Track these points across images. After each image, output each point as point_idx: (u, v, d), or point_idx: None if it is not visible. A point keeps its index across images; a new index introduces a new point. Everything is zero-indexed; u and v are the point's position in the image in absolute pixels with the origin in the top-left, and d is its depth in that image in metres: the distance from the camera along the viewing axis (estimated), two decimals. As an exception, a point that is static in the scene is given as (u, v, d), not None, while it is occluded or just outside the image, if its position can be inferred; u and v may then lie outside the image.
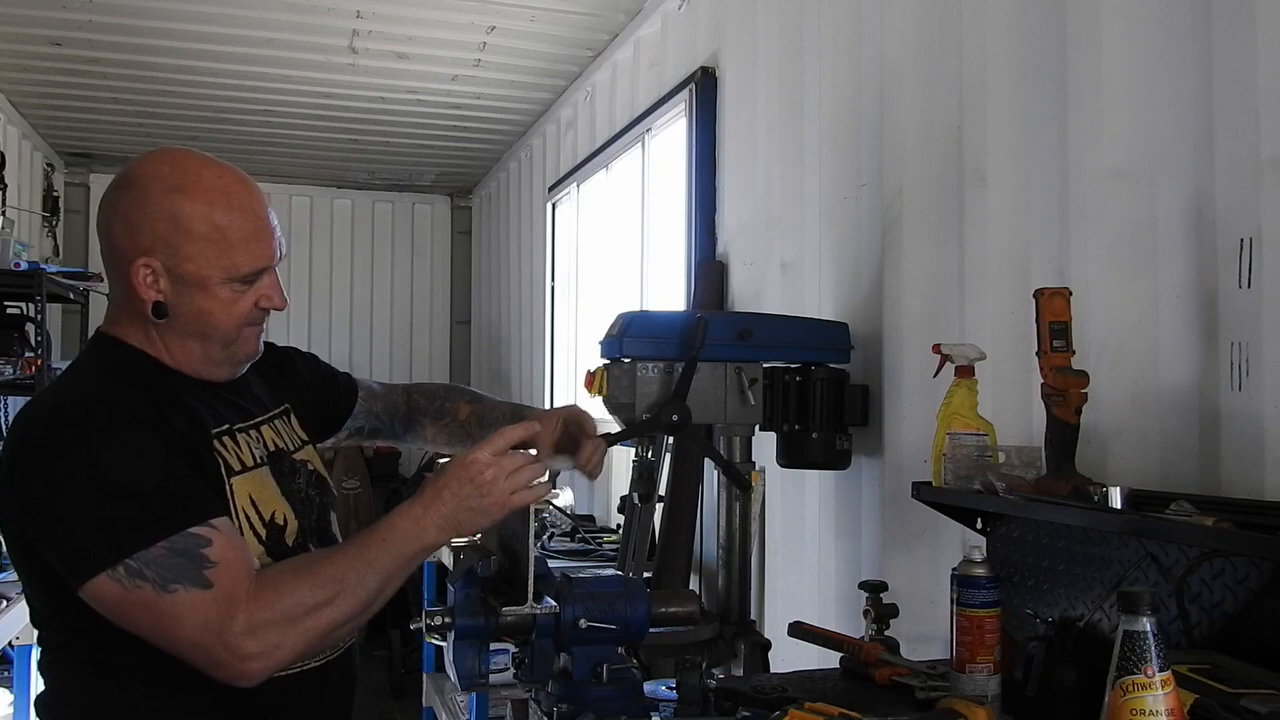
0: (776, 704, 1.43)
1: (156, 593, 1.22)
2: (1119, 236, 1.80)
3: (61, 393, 1.39)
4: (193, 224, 1.36)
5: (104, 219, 1.40)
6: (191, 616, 1.23)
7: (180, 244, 1.36)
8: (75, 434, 1.27)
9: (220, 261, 1.37)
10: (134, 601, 1.23)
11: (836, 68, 2.75)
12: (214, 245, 1.37)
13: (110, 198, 1.40)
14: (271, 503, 1.45)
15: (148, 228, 1.36)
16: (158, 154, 1.42)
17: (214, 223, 1.37)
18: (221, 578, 1.24)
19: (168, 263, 1.36)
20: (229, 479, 1.40)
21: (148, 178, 1.38)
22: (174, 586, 1.22)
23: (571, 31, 4.52)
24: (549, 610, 1.51)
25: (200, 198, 1.37)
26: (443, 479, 1.37)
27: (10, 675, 3.74)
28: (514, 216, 6.48)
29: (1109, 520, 1.48)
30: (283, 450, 1.55)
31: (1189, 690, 1.19)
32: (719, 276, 3.39)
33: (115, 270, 1.40)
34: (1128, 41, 1.80)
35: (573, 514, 4.22)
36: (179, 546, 1.23)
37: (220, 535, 1.27)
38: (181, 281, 1.37)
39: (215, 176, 1.39)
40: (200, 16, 4.33)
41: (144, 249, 1.36)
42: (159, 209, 1.36)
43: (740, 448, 2.41)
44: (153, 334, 1.42)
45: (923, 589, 2.20)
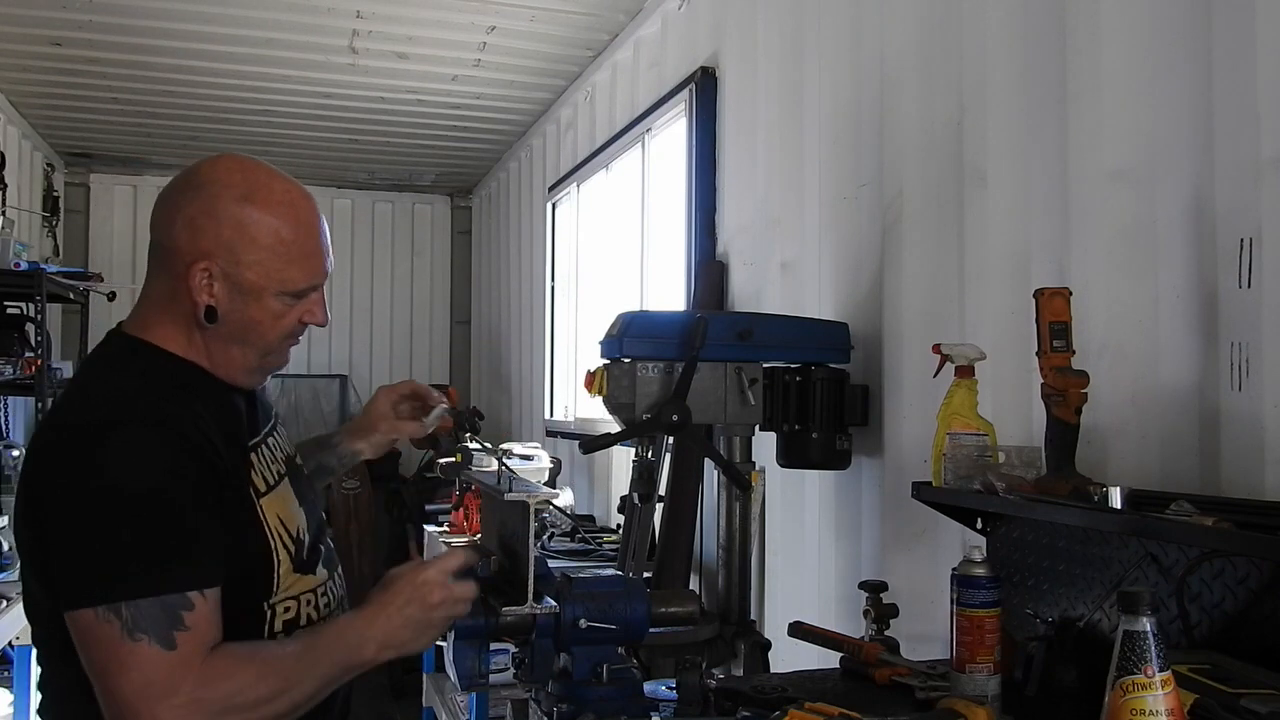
0: (776, 704, 1.43)
1: (121, 635, 1.19)
2: (1119, 236, 1.80)
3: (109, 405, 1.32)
4: (258, 233, 1.35)
5: (164, 218, 1.38)
6: (141, 673, 1.20)
7: (243, 252, 1.35)
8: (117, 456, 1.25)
9: (279, 274, 1.37)
10: (98, 635, 1.20)
11: (836, 68, 2.75)
12: (275, 257, 1.36)
13: (174, 198, 1.38)
14: (294, 517, 1.44)
15: (213, 232, 1.34)
16: (228, 160, 1.41)
17: (279, 235, 1.36)
18: (186, 644, 1.22)
19: (227, 268, 1.35)
20: (259, 501, 1.38)
21: (218, 183, 1.37)
22: (140, 636, 1.20)
23: (571, 31, 4.52)
24: (549, 610, 1.51)
25: (269, 209, 1.37)
26: (391, 593, 1.37)
27: (10, 675, 3.74)
28: (514, 216, 6.48)
29: (1109, 520, 1.48)
30: (292, 458, 1.55)
31: (1189, 690, 1.19)
32: (719, 276, 3.39)
33: (167, 270, 1.38)
34: (1128, 41, 1.80)
35: (573, 514, 4.22)
36: (167, 602, 1.22)
37: (204, 604, 1.25)
38: (238, 289, 1.36)
39: (284, 190, 1.39)
40: (200, 16, 4.33)
41: (205, 252, 1.34)
42: (227, 215, 1.35)
43: (740, 448, 2.41)
44: (195, 339, 1.40)
45: (923, 589, 2.20)
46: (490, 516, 1.87)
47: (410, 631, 1.36)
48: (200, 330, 1.38)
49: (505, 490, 1.59)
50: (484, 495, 1.91)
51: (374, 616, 1.35)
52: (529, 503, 1.52)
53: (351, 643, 1.33)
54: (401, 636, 1.35)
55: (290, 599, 1.40)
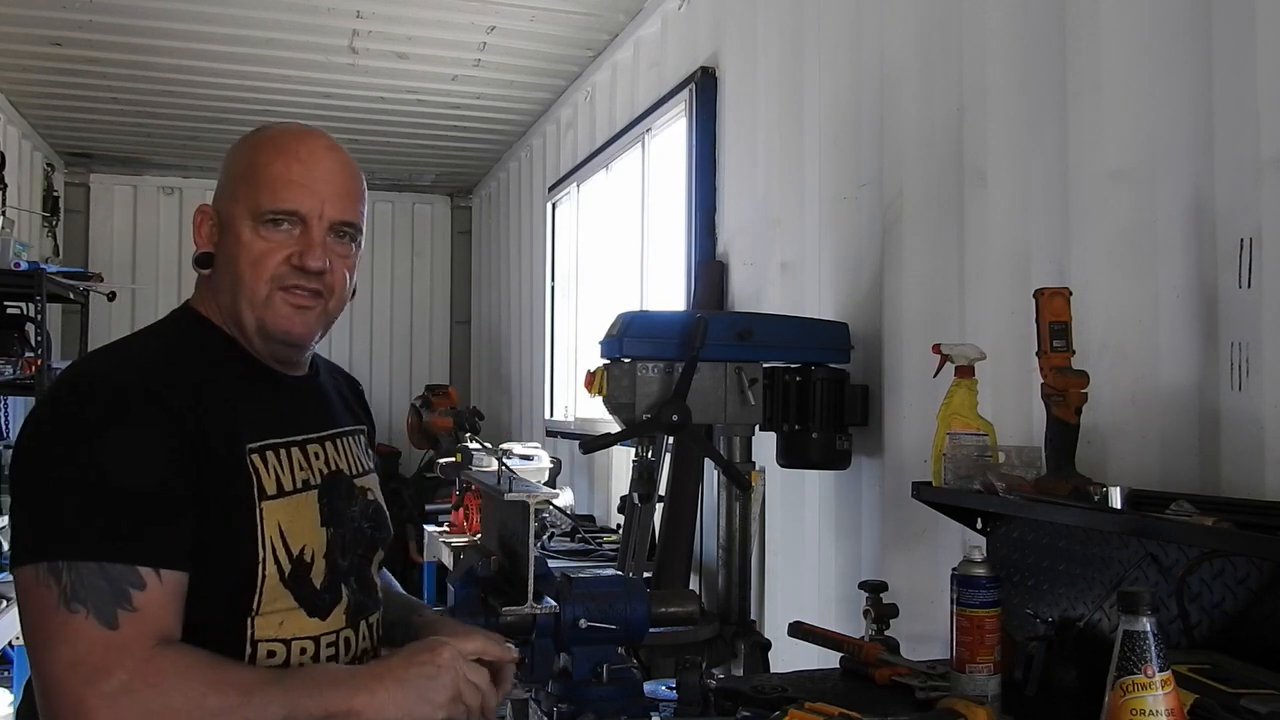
0: (776, 704, 1.43)
1: (58, 603, 1.07)
2: (1119, 236, 1.80)
3: (100, 362, 1.27)
4: (239, 165, 1.32)
5: None
6: (71, 648, 1.07)
7: (224, 185, 1.32)
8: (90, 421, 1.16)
9: (246, 198, 1.29)
10: (34, 599, 1.09)
11: (836, 68, 2.75)
12: (246, 183, 1.30)
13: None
14: (304, 536, 1.28)
15: (220, 180, 1.34)
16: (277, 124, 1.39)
17: (256, 162, 1.30)
18: (130, 626, 1.08)
19: (217, 207, 1.32)
20: (260, 502, 1.24)
21: (246, 137, 1.35)
22: (77, 607, 1.07)
23: (571, 31, 4.52)
24: (549, 610, 1.51)
25: (261, 146, 1.32)
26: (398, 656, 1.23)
27: (10, 675, 3.74)
28: (514, 216, 6.48)
29: (1109, 520, 1.48)
30: (342, 472, 1.38)
31: (1189, 690, 1.19)
32: (719, 276, 3.39)
33: None
34: (1128, 41, 1.80)
35: (573, 514, 4.22)
36: (112, 573, 1.09)
37: (160, 588, 1.12)
38: (221, 226, 1.31)
39: (295, 138, 1.33)
40: (200, 16, 4.33)
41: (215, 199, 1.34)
42: (229, 160, 1.33)
43: (740, 448, 2.41)
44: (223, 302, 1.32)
45: (923, 589, 2.20)
46: (490, 516, 1.87)
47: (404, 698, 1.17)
48: (209, 284, 1.33)
49: (505, 490, 1.60)
50: (484, 495, 1.91)
51: (372, 670, 1.21)
52: (529, 503, 1.52)
53: (333, 690, 1.15)
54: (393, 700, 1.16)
55: (278, 641, 1.24)
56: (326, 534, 1.31)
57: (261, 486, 1.25)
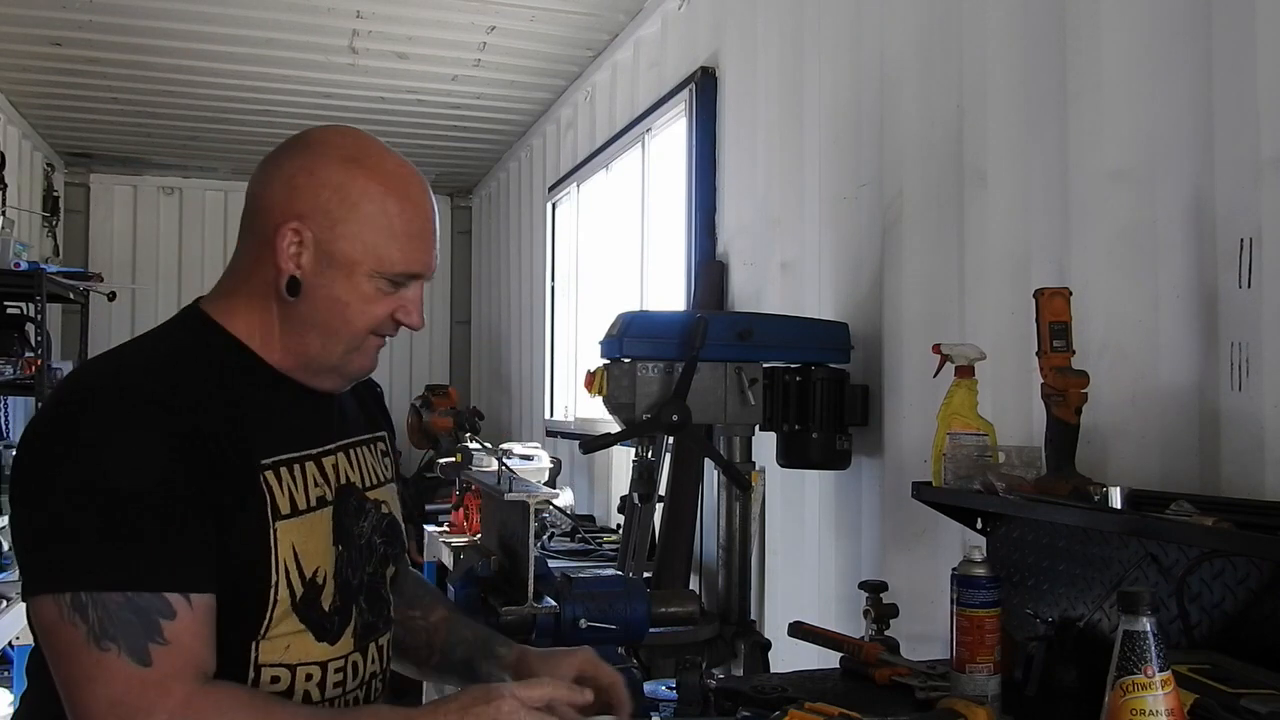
0: (776, 704, 1.43)
1: (87, 641, 1.03)
2: (1119, 236, 1.80)
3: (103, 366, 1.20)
4: (361, 200, 1.21)
5: (262, 178, 1.24)
6: (108, 688, 1.03)
7: (341, 218, 1.20)
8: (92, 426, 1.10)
9: (376, 250, 1.21)
10: (62, 637, 1.04)
11: (836, 68, 2.75)
12: (376, 230, 1.21)
13: (276, 157, 1.25)
14: (318, 557, 1.22)
15: (311, 193, 1.20)
16: (340, 127, 1.29)
17: (383, 206, 1.22)
18: (164, 661, 1.04)
19: (320, 234, 1.20)
20: (274, 523, 1.18)
21: (325, 144, 1.24)
22: (108, 645, 1.03)
23: (571, 31, 4.52)
24: (549, 610, 1.51)
25: (376, 177, 1.23)
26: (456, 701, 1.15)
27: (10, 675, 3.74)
28: (514, 216, 6.48)
29: (1109, 520, 1.48)
30: (353, 485, 1.31)
31: (1189, 690, 1.19)
32: (719, 276, 3.39)
33: (255, 234, 1.23)
34: (1128, 41, 1.80)
35: (573, 514, 4.22)
36: (140, 604, 1.04)
37: (190, 614, 1.07)
38: (329, 260, 1.20)
39: (397, 164, 1.27)
40: (200, 16, 4.33)
41: (299, 214, 1.20)
42: (329, 176, 1.21)
43: (740, 448, 2.41)
44: (269, 318, 1.23)
45: (923, 589, 2.20)
46: (490, 516, 1.87)
47: None
48: (279, 305, 1.22)
49: (505, 490, 1.60)
50: (484, 495, 1.91)
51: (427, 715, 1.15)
52: (529, 503, 1.52)
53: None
54: None
55: (283, 666, 1.18)
56: (335, 552, 1.25)
57: (275, 506, 1.18)
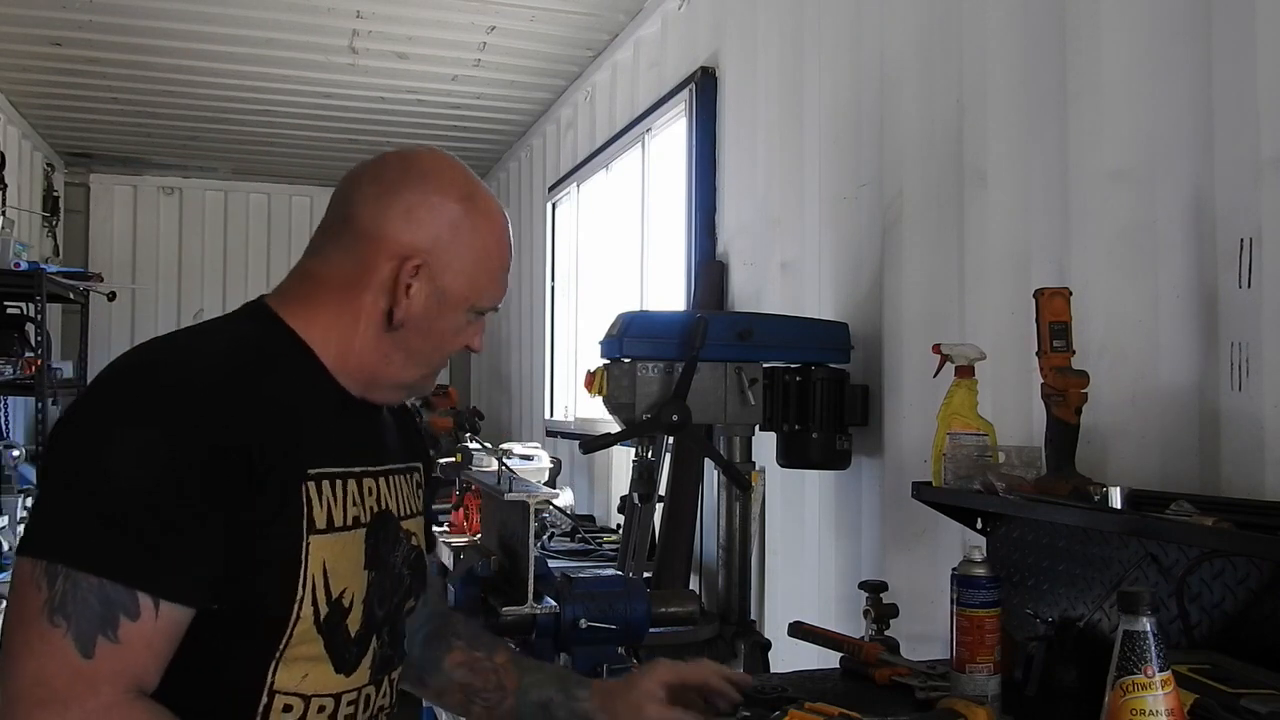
0: (776, 704, 1.43)
1: (41, 610, 0.99)
2: (1119, 236, 1.80)
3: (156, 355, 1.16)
4: (474, 240, 1.24)
5: (372, 199, 1.22)
6: (40, 663, 0.98)
7: (455, 256, 1.22)
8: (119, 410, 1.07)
9: (478, 287, 1.25)
10: (23, 598, 1.01)
11: (836, 68, 2.75)
12: (481, 269, 1.25)
13: (386, 179, 1.23)
14: (347, 578, 1.17)
15: (432, 226, 1.21)
16: (441, 155, 1.29)
17: (488, 246, 1.26)
18: (105, 659, 0.99)
19: (433, 266, 1.21)
20: (308, 535, 1.13)
21: (441, 176, 1.25)
22: (59, 620, 0.99)
23: (571, 31, 4.52)
24: (549, 610, 1.51)
25: (487, 216, 1.26)
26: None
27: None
28: (514, 216, 6.41)
29: (1109, 520, 1.48)
30: (390, 512, 1.28)
31: (1189, 690, 1.19)
32: (719, 276, 3.39)
33: (357, 255, 1.21)
34: (1128, 41, 1.80)
35: (573, 514, 4.22)
36: (107, 593, 1.00)
37: (152, 622, 1.02)
38: (438, 294, 1.22)
39: (496, 202, 1.30)
40: (200, 16, 4.33)
41: (419, 248, 1.20)
42: (448, 212, 1.22)
43: (740, 448, 2.41)
44: (353, 335, 1.22)
45: (923, 589, 2.20)
46: (490, 516, 1.87)
47: None
48: (372, 327, 1.22)
49: (505, 490, 1.60)
50: (484, 495, 1.91)
51: None
52: (529, 503, 1.52)
53: None
54: None
55: (296, 695, 1.14)
56: (368, 578, 1.20)
57: (311, 518, 1.14)
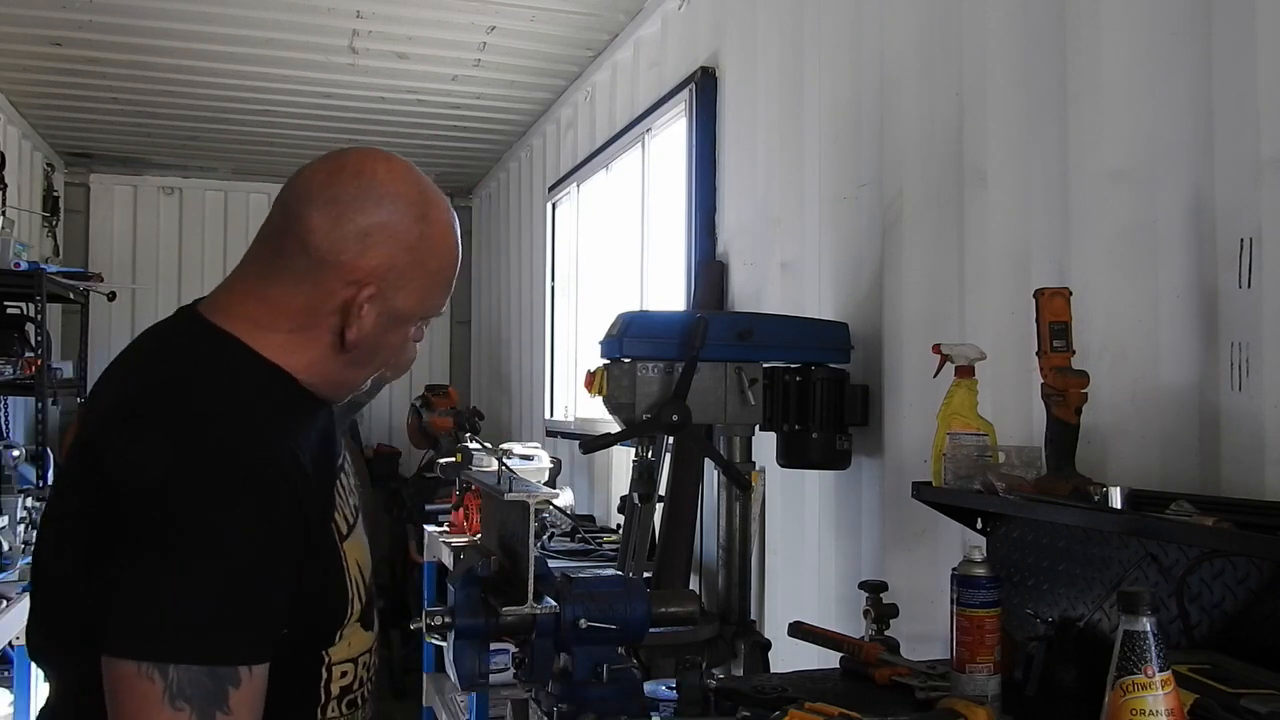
0: (776, 704, 1.43)
1: (162, 699, 1.04)
2: (1119, 236, 1.80)
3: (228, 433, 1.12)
4: (428, 259, 1.21)
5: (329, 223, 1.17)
6: None
7: (410, 278, 1.20)
8: (225, 494, 1.08)
9: (429, 300, 1.24)
10: (135, 689, 1.05)
11: (836, 68, 2.75)
12: (433, 284, 1.23)
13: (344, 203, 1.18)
14: (368, 564, 1.27)
15: (388, 252, 1.18)
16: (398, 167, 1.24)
17: (441, 262, 1.24)
18: None
19: (386, 291, 1.19)
20: (341, 546, 1.21)
21: (400, 198, 1.20)
22: (181, 705, 1.04)
23: (571, 31, 4.52)
24: (549, 610, 1.51)
25: (441, 231, 1.23)
26: None
27: (10, 675, 3.74)
28: (514, 216, 6.48)
29: (1109, 520, 1.48)
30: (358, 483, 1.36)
31: (1189, 690, 1.19)
32: (719, 276, 3.39)
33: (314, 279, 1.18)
34: (1128, 41, 1.80)
35: (573, 514, 4.22)
36: (219, 673, 1.06)
37: (251, 683, 1.08)
38: (390, 314, 1.21)
39: (446, 207, 1.26)
40: (200, 16, 4.33)
41: (374, 273, 1.18)
42: (404, 236, 1.19)
43: (740, 448, 2.41)
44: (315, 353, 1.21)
45: (923, 589, 2.20)
46: (490, 516, 1.87)
47: None
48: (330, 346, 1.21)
49: (505, 490, 1.60)
50: (484, 495, 1.91)
51: None
52: (529, 503, 1.52)
53: None
54: None
55: (349, 662, 1.24)
56: (368, 547, 1.29)
57: (338, 528, 1.21)
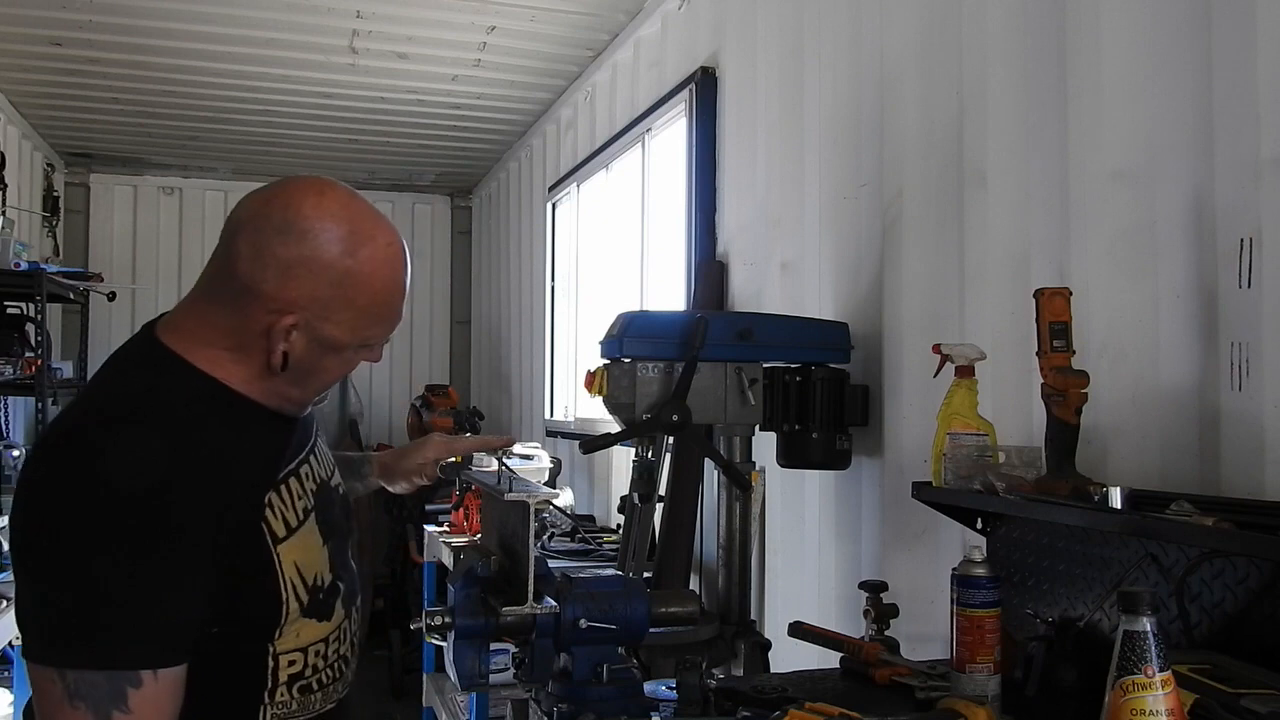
0: (776, 704, 1.43)
1: (62, 698, 1.13)
2: (1119, 236, 1.80)
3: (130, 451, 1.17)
4: (355, 295, 1.26)
5: (250, 252, 1.23)
6: None
7: (335, 310, 1.25)
8: (113, 523, 1.13)
9: (363, 331, 1.30)
10: (42, 688, 1.14)
11: (836, 68, 2.75)
12: (365, 316, 1.28)
13: (266, 234, 1.23)
14: (314, 564, 1.32)
15: (308, 285, 1.23)
16: (329, 202, 1.26)
17: (374, 295, 1.28)
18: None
19: (313, 322, 1.25)
20: (275, 548, 1.26)
21: (321, 233, 1.23)
22: (78, 704, 1.12)
23: (571, 31, 4.52)
24: (549, 610, 1.51)
25: (369, 265, 1.26)
26: None
27: (10, 675, 3.74)
28: (514, 216, 6.48)
29: (1109, 520, 1.48)
30: (324, 481, 1.41)
31: (1189, 690, 1.19)
32: (719, 276, 3.39)
33: (241, 309, 1.24)
34: (1128, 41, 1.80)
35: (573, 514, 4.22)
36: (115, 676, 1.13)
37: (155, 685, 1.15)
38: (318, 343, 1.27)
39: (386, 242, 1.29)
40: (200, 16, 4.33)
41: (294, 303, 1.23)
42: (327, 272, 1.23)
43: (740, 448, 2.41)
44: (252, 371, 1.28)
45: (923, 589, 2.20)
46: (490, 516, 1.87)
47: None
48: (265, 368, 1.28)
49: (505, 490, 1.60)
50: (484, 495, 1.91)
51: None
52: (529, 503, 1.52)
53: None
54: None
55: (297, 651, 1.30)
56: (328, 550, 1.35)
57: (273, 532, 1.27)
